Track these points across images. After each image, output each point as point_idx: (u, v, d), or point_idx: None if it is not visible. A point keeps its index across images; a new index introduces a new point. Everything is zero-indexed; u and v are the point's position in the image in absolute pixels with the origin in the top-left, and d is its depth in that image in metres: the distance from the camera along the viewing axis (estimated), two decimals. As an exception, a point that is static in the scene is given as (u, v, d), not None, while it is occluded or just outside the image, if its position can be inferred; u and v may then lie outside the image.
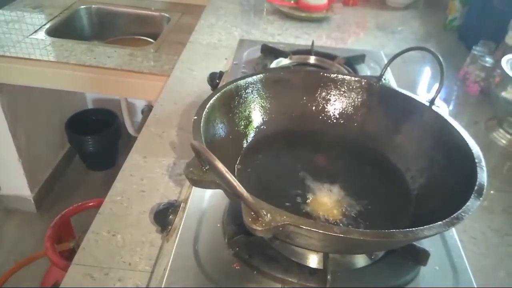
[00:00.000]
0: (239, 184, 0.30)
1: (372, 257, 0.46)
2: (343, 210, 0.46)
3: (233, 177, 0.30)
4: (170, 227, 0.52)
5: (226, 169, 0.30)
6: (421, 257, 0.44)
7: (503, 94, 0.84)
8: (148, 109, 1.84)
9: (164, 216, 0.52)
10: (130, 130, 1.75)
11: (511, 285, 0.59)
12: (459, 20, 1.30)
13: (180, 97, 0.93)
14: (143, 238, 0.61)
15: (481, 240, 0.66)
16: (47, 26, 1.40)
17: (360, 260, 0.45)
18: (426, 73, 1.13)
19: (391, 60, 0.52)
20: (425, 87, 1.05)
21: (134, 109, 1.96)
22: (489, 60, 0.98)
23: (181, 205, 0.53)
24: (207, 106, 0.47)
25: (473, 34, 1.14)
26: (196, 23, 1.31)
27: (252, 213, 0.32)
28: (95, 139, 1.78)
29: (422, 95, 0.51)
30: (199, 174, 0.35)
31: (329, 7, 1.36)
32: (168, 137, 0.81)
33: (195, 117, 0.44)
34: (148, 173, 0.72)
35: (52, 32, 1.38)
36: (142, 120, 1.83)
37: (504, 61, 0.86)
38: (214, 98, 0.48)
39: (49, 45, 1.31)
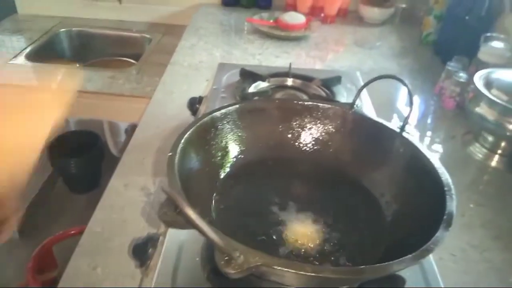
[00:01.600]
0: (209, 229, 0.31)
1: (351, 285, 0.46)
2: (320, 240, 0.47)
3: (203, 222, 0.31)
4: (149, 261, 0.51)
5: (196, 215, 0.30)
6: (397, 283, 0.45)
7: (477, 109, 0.86)
8: (131, 129, 1.83)
9: (143, 251, 0.52)
10: (114, 150, 1.74)
11: (491, 302, 0.60)
12: (434, 35, 1.33)
13: (161, 121, 0.93)
14: (124, 271, 0.60)
15: (461, 256, 0.67)
16: (27, 50, 1.40)
17: (340, 288, 0.46)
18: (404, 92, 1.16)
19: (361, 88, 0.53)
20: (402, 107, 1.07)
21: (117, 129, 1.94)
22: (463, 76, 1.00)
23: (160, 238, 0.53)
24: (182, 141, 0.47)
25: (448, 49, 1.18)
26: (177, 43, 1.32)
27: (225, 256, 0.32)
28: (78, 161, 1.76)
29: (396, 120, 0.52)
30: (173, 215, 0.36)
31: (307, 26, 1.39)
32: (149, 163, 0.81)
33: (170, 153, 0.44)
34: (129, 201, 0.72)
35: (32, 56, 1.37)
36: (126, 141, 1.82)
37: (476, 78, 0.88)
38: (189, 132, 0.48)
39: (29, 69, 1.30)
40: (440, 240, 0.36)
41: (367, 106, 0.86)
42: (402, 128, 0.50)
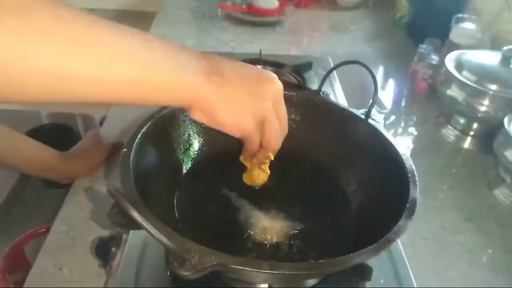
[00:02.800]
0: (157, 231, 0.29)
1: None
2: (286, 231, 0.46)
3: (151, 223, 0.29)
4: (112, 261, 0.50)
5: (142, 217, 0.29)
6: (365, 273, 0.44)
7: (448, 92, 0.86)
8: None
9: (106, 250, 0.50)
10: (89, 144, 1.70)
11: (462, 284, 0.60)
12: (407, 18, 1.32)
13: (129, 113, 0.90)
14: (91, 270, 0.58)
15: (433, 240, 0.67)
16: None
17: (308, 280, 0.45)
18: (377, 77, 1.15)
19: (326, 75, 0.52)
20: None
21: (92, 121, 1.90)
22: (435, 58, 1.00)
23: (123, 237, 0.51)
24: (139, 135, 0.45)
25: (420, 31, 1.17)
26: (146, 31, 1.28)
27: (178, 258, 0.31)
28: (53, 155, 1.72)
29: (367, 106, 0.50)
30: (123, 217, 0.34)
31: (281, 11, 1.36)
32: (117, 159, 0.78)
33: (125, 150, 0.42)
34: (95, 198, 0.70)
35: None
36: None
37: (447, 59, 0.88)
38: (147, 126, 0.46)
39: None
40: (402, 229, 0.35)
41: (338, 93, 0.85)
42: (368, 114, 0.49)
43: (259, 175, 0.48)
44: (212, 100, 0.36)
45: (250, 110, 0.39)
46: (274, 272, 0.31)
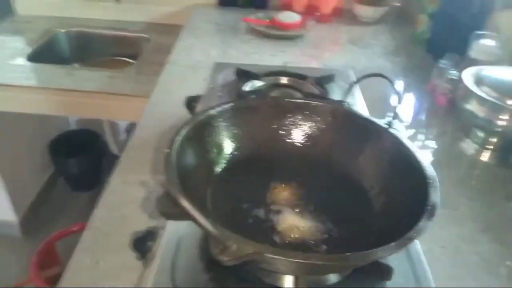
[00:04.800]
0: (204, 219, 0.33)
1: (342, 274, 0.49)
2: (312, 231, 0.49)
3: (198, 213, 0.33)
4: (149, 253, 0.54)
5: (191, 206, 0.33)
6: (385, 272, 0.47)
7: (467, 106, 0.88)
8: (131, 128, 1.85)
9: (143, 243, 0.54)
10: (114, 149, 1.76)
11: (480, 292, 0.62)
12: (427, 34, 1.35)
13: (159, 120, 0.96)
14: (126, 264, 0.62)
15: (450, 249, 0.69)
16: (27, 51, 1.42)
17: (331, 278, 0.48)
18: (397, 88, 1.18)
19: (351, 86, 0.56)
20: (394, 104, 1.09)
21: (118, 128, 1.97)
22: (454, 73, 1.02)
23: (159, 232, 0.55)
24: (179, 138, 0.49)
25: (440, 47, 1.20)
26: (174, 43, 1.34)
27: (220, 244, 0.35)
28: (79, 160, 1.79)
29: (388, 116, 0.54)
30: (170, 207, 0.38)
31: (303, 25, 1.40)
32: (149, 161, 0.83)
33: (167, 150, 0.46)
34: (128, 198, 0.74)
35: (32, 57, 1.40)
36: (127, 140, 1.85)
37: (466, 75, 0.90)
38: (186, 129, 0.51)
39: (29, 70, 1.32)
40: (422, 229, 0.38)
41: (360, 104, 0.88)
42: (390, 124, 0.53)
43: None
44: None
45: None
46: (305, 261, 0.34)
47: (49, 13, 1.66)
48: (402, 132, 0.52)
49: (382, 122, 0.54)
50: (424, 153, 0.90)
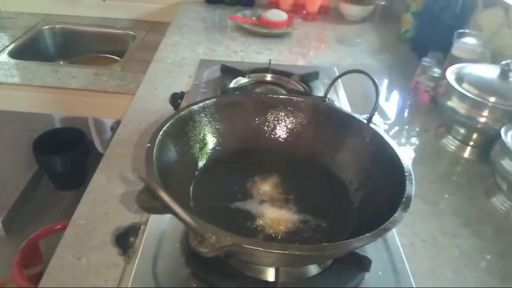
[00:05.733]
0: (183, 212, 0.33)
1: (322, 266, 0.49)
2: (292, 224, 0.50)
3: (177, 205, 0.33)
4: (131, 249, 0.54)
5: (170, 199, 0.33)
6: (364, 264, 0.48)
7: (449, 103, 0.89)
8: (117, 126, 1.84)
9: (125, 239, 0.54)
10: (99, 147, 1.75)
11: (457, 284, 0.63)
12: (412, 32, 1.37)
13: (144, 117, 0.95)
14: (108, 260, 0.62)
15: (431, 242, 0.70)
16: (10, 47, 1.40)
17: (311, 270, 0.49)
18: (381, 88, 1.19)
19: (332, 82, 0.56)
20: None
21: (103, 126, 1.95)
22: (437, 71, 1.04)
23: (142, 227, 0.55)
24: (161, 133, 0.49)
25: (424, 45, 1.21)
26: (160, 40, 1.33)
27: (198, 237, 0.35)
28: (63, 158, 1.77)
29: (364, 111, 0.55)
30: (150, 201, 0.38)
31: (289, 23, 1.41)
32: (132, 157, 0.83)
33: (148, 145, 0.47)
34: (112, 194, 0.74)
35: (16, 54, 1.38)
36: (111, 138, 1.83)
37: (448, 72, 0.92)
38: (168, 124, 0.51)
39: (13, 67, 1.30)
40: (398, 220, 0.39)
41: (342, 100, 0.89)
42: (369, 119, 0.54)
43: None
44: None
45: None
46: (283, 252, 0.34)
47: (33, 10, 1.64)
48: (381, 126, 0.53)
49: (361, 117, 0.55)
50: (407, 149, 0.92)
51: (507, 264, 0.67)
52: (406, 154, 0.88)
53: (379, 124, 0.53)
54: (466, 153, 0.91)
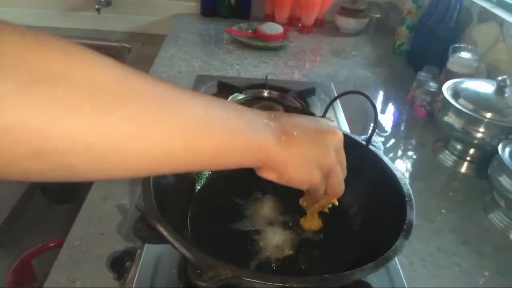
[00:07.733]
0: (180, 245, 0.32)
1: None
2: (293, 250, 0.49)
3: (175, 238, 0.32)
4: (127, 274, 0.52)
5: (168, 231, 0.32)
6: (364, 289, 0.47)
7: (445, 118, 0.89)
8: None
9: (120, 263, 0.53)
10: (94, 160, 1.73)
11: (458, 304, 0.63)
12: (407, 45, 1.38)
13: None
14: (103, 283, 0.61)
15: (430, 261, 0.69)
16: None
17: (311, 296, 0.48)
18: (377, 104, 1.19)
19: (330, 103, 0.56)
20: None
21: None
22: (433, 85, 1.04)
23: (138, 251, 0.54)
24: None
25: (420, 59, 1.22)
26: (156, 53, 1.33)
27: (197, 269, 0.34)
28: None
29: (368, 131, 0.54)
30: (147, 231, 0.37)
31: (285, 36, 1.42)
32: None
33: (145, 170, 0.46)
34: (107, 214, 0.72)
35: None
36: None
37: (445, 88, 0.92)
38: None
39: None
40: (399, 248, 0.38)
41: (340, 118, 0.89)
42: (368, 141, 0.53)
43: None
44: (283, 160, 0.37)
45: (316, 163, 0.39)
46: (283, 285, 0.34)
47: (27, 22, 1.62)
48: (380, 148, 0.53)
49: (360, 139, 0.54)
50: (403, 164, 0.91)
51: (506, 282, 0.66)
52: (402, 168, 0.89)
53: (378, 145, 0.52)
54: (463, 168, 0.91)
